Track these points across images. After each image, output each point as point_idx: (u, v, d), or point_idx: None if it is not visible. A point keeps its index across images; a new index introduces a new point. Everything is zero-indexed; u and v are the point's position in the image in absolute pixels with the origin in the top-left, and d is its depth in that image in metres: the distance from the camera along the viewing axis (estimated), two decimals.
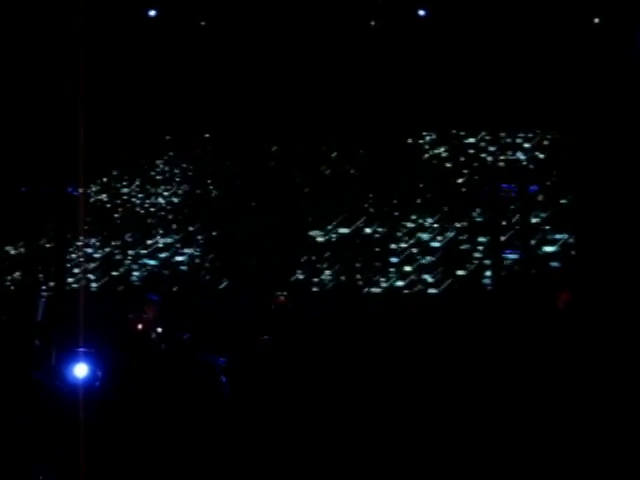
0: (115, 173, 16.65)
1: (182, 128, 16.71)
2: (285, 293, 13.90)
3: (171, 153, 16.80)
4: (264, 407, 10.29)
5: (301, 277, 16.32)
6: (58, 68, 15.50)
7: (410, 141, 16.67)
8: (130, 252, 16.56)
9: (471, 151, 16.58)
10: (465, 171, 16.54)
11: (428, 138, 16.67)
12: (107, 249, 16.57)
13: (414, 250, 16.40)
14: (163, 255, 16.56)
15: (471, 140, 16.55)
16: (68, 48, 14.87)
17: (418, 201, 16.51)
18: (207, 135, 16.83)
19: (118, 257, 16.55)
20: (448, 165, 16.62)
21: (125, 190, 16.81)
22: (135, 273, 16.52)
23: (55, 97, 15.73)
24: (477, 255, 16.35)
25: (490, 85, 16.00)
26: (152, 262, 16.54)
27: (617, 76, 15.63)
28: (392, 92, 16.21)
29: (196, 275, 16.46)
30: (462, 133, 16.57)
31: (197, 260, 16.49)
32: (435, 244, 16.42)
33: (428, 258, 16.38)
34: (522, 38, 15.67)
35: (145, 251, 16.60)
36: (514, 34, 15.68)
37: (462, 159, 16.58)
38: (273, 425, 9.74)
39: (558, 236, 16.12)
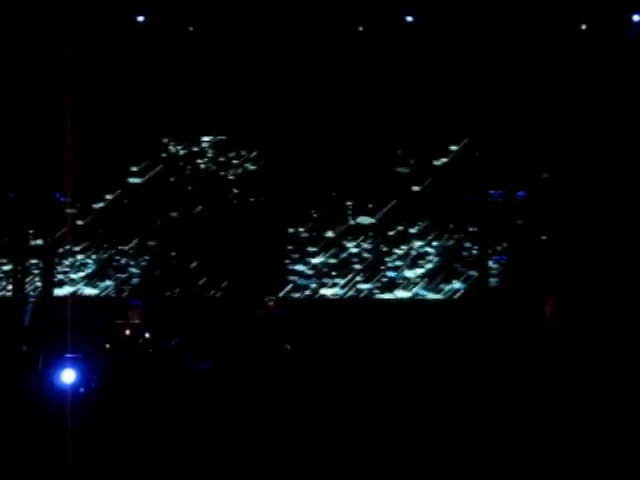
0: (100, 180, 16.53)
1: (172, 133, 16.67)
2: (274, 298, 13.89)
3: (162, 156, 16.71)
4: (253, 409, 10.30)
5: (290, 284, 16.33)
6: (48, 73, 15.52)
7: (398, 148, 16.62)
8: (116, 258, 16.49)
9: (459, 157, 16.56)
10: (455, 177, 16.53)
11: (414, 144, 16.62)
12: (94, 255, 16.51)
13: (402, 258, 16.41)
14: (150, 261, 16.52)
15: (459, 146, 16.53)
16: (58, 55, 14.92)
17: (408, 207, 16.49)
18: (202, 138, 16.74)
19: (105, 263, 16.49)
20: (439, 172, 16.59)
21: (110, 197, 16.70)
22: (122, 278, 16.48)
23: (43, 103, 15.74)
24: (467, 261, 16.38)
25: (477, 90, 16.05)
26: (139, 268, 16.51)
27: (608, 78, 15.70)
28: (379, 98, 16.25)
29: (185, 281, 16.43)
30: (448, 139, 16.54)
31: (185, 266, 16.46)
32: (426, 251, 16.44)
33: (416, 266, 16.41)
34: (510, 44, 15.74)
35: (132, 257, 16.54)
36: (501, 40, 15.76)
37: (451, 166, 16.57)
38: (262, 427, 9.73)
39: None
